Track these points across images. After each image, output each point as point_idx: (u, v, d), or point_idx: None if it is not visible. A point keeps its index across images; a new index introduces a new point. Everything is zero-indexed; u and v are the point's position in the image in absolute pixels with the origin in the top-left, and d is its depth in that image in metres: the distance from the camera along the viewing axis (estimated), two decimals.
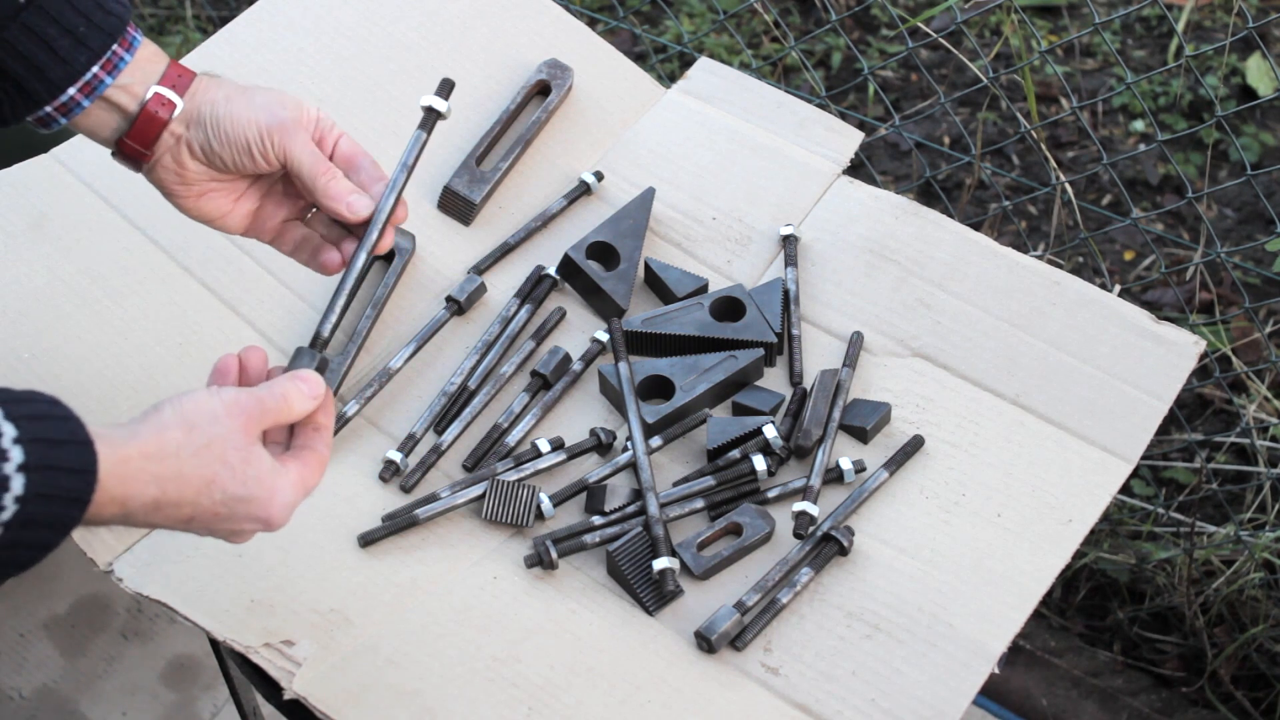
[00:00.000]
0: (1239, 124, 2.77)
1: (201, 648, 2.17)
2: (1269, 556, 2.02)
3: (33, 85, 1.14)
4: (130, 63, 1.16)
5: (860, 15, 3.03)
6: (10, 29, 1.12)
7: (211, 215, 1.23)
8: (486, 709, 1.17)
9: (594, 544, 1.30)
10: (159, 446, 0.99)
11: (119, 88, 1.17)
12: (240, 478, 1.01)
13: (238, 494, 1.02)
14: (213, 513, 1.02)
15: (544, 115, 1.61)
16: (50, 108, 1.16)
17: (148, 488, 0.97)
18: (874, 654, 1.22)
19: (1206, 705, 2.08)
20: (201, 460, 1.00)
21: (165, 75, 1.18)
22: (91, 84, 1.15)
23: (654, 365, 1.42)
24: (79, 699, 2.14)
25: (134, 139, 1.18)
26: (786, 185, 1.59)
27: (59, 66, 1.13)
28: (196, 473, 0.99)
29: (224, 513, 1.02)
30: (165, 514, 1.00)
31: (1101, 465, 1.35)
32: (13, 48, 1.12)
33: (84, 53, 1.14)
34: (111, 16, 1.15)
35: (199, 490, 1.00)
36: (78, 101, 1.16)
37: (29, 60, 1.13)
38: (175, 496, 0.99)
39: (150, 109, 1.17)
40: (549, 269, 1.51)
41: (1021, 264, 1.49)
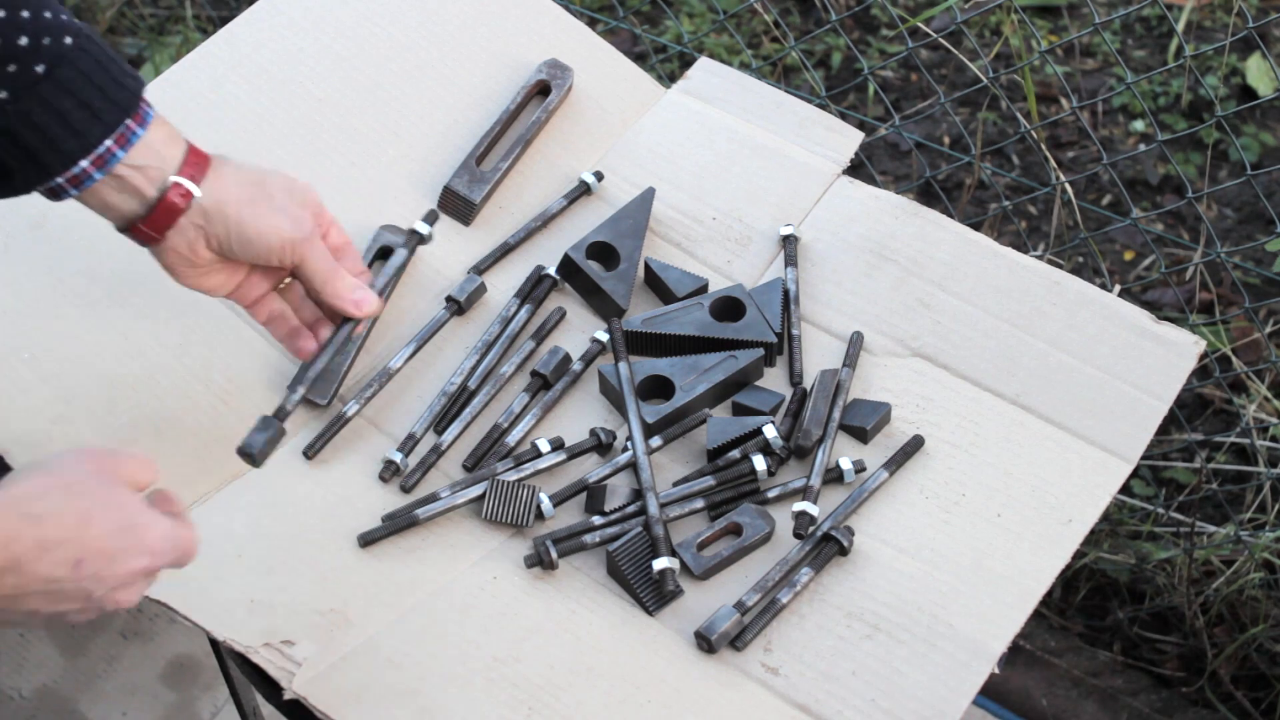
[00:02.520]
0: (1239, 124, 2.77)
1: (201, 648, 2.17)
2: (1269, 556, 2.02)
3: (46, 156, 1.14)
4: (142, 138, 1.16)
5: (860, 15, 3.03)
6: (26, 100, 1.12)
7: (210, 289, 1.26)
8: (486, 709, 1.17)
9: (594, 544, 1.30)
10: (27, 490, 0.98)
11: (134, 168, 1.17)
12: (114, 506, 1.00)
13: (117, 524, 1.00)
14: (99, 549, 0.99)
15: (544, 115, 1.61)
16: (62, 179, 1.16)
17: (28, 528, 0.96)
18: (874, 654, 1.22)
19: (1206, 705, 2.08)
20: (72, 495, 0.99)
21: (184, 165, 1.19)
22: (104, 157, 1.15)
23: (654, 365, 1.42)
24: (79, 699, 2.14)
25: (150, 225, 1.20)
26: (786, 185, 1.59)
27: (73, 139, 1.14)
28: (70, 506, 0.98)
29: (111, 546, 0.99)
30: (54, 560, 0.97)
31: (1101, 465, 1.35)
32: (28, 118, 1.12)
33: (98, 126, 1.14)
34: (125, 90, 1.16)
35: (78, 524, 0.98)
36: (89, 174, 1.16)
37: (43, 131, 1.13)
38: (56, 535, 0.97)
39: (170, 199, 1.18)
40: (549, 269, 1.51)
41: (1021, 264, 1.49)
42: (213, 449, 1.36)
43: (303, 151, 1.55)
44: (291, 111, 1.37)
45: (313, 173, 1.54)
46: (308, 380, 1.27)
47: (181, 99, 1.59)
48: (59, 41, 1.12)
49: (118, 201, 1.19)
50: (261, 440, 1.21)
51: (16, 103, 1.12)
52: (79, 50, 1.13)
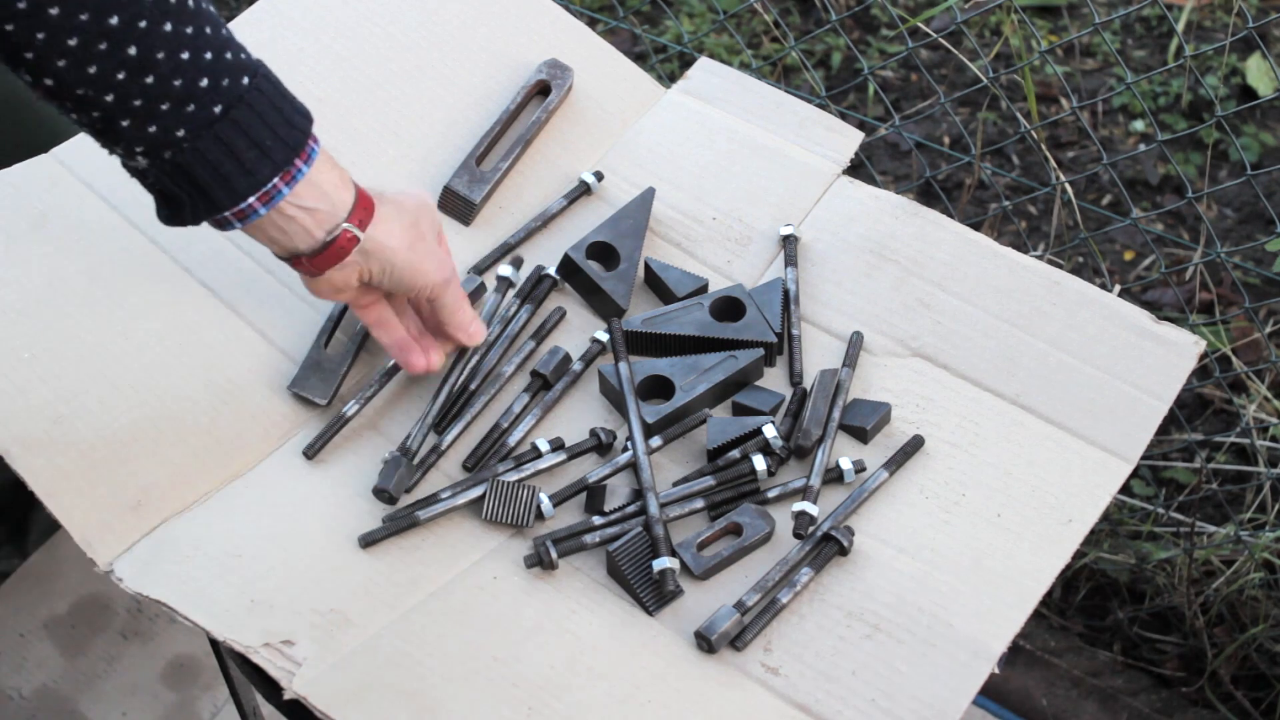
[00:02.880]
0: (1239, 124, 2.77)
1: (201, 648, 2.17)
2: (1269, 556, 2.02)
3: (217, 193, 1.18)
4: (308, 175, 1.21)
5: (860, 15, 3.03)
6: (203, 139, 1.15)
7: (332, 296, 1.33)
8: (486, 709, 1.17)
9: (594, 544, 1.30)
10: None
11: (304, 209, 1.22)
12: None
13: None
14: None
15: (544, 115, 1.61)
16: (229, 213, 1.20)
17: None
18: (874, 654, 1.22)
19: (1206, 705, 2.08)
20: None
21: (354, 212, 1.25)
22: (270, 193, 1.19)
23: (654, 365, 1.42)
24: (79, 699, 2.14)
25: (314, 264, 1.26)
26: (786, 185, 1.59)
27: (244, 177, 1.17)
28: None
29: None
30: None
31: (1101, 465, 1.35)
32: (202, 156, 1.15)
33: (268, 165, 1.18)
34: (295, 130, 1.19)
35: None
36: (255, 209, 1.19)
37: (216, 169, 1.16)
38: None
39: (339, 243, 1.25)
40: (549, 269, 1.51)
41: (1021, 264, 1.49)
42: (213, 449, 1.36)
43: None
44: None
45: None
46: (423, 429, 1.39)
47: None
48: (237, 82, 1.15)
49: (285, 238, 1.23)
50: (393, 478, 1.33)
51: (194, 141, 1.15)
52: (255, 90, 1.16)
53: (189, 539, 1.29)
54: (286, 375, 1.42)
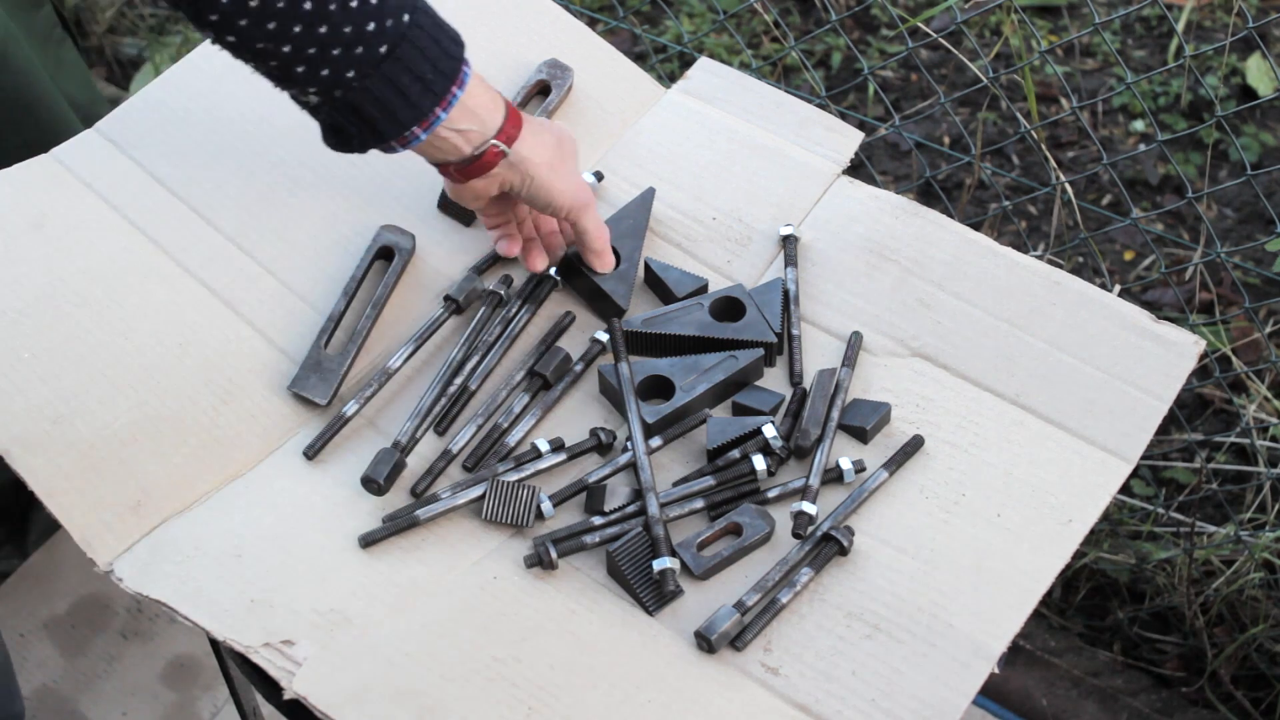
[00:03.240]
0: (1239, 124, 2.77)
1: (201, 648, 2.17)
2: (1269, 556, 2.02)
3: (384, 125, 1.26)
4: (461, 100, 1.28)
5: (860, 15, 3.03)
6: (372, 78, 1.22)
7: (471, 206, 1.43)
8: (486, 709, 1.17)
9: (594, 544, 1.30)
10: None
11: (453, 129, 1.30)
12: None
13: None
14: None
15: (544, 115, 1.61)
16: (393, 140, 1.28)
17: None
18: (874, 654, 1.22)
19: (1206, 705, 2.08)
20: None
21: (503, 129, 1.33)
22: (429, 120, 1.28)
23: (654, 365, 1.42)
24: (79, 699, 2.14)
25: (464, 173, 1.35)
26: (786, 185, 1.59)
27: (408, 109, 1.26)
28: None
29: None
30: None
31: (1101, 465, 1.35)
32: (370, 94, 1.24)
33: (429, 97, 1.26)
34: (451, 60, 1.27)
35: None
36: (416, 135, 1.28)
37: (383, 105, 1.25)
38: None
39: (486, 157, 1.34)
40: (549, 269, 1.51)
41: (1021, 264, 1.49)
42: (213, 449, 1.36)
43: (303, 151, 1.55)
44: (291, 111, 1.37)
45: (313, 172, 1.55)
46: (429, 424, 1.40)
47: (181, 99, 1.59)
48: (399, 20, 1.22)
49: (437, 154, 1.33)
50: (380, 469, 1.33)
51: (363, 80, 1.22)
52: (415, 26, 1.23)
53: (189, 539, 1.29)
54: (286, 375, 1.42)
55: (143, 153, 1.55)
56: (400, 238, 1.51)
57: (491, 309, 1.48)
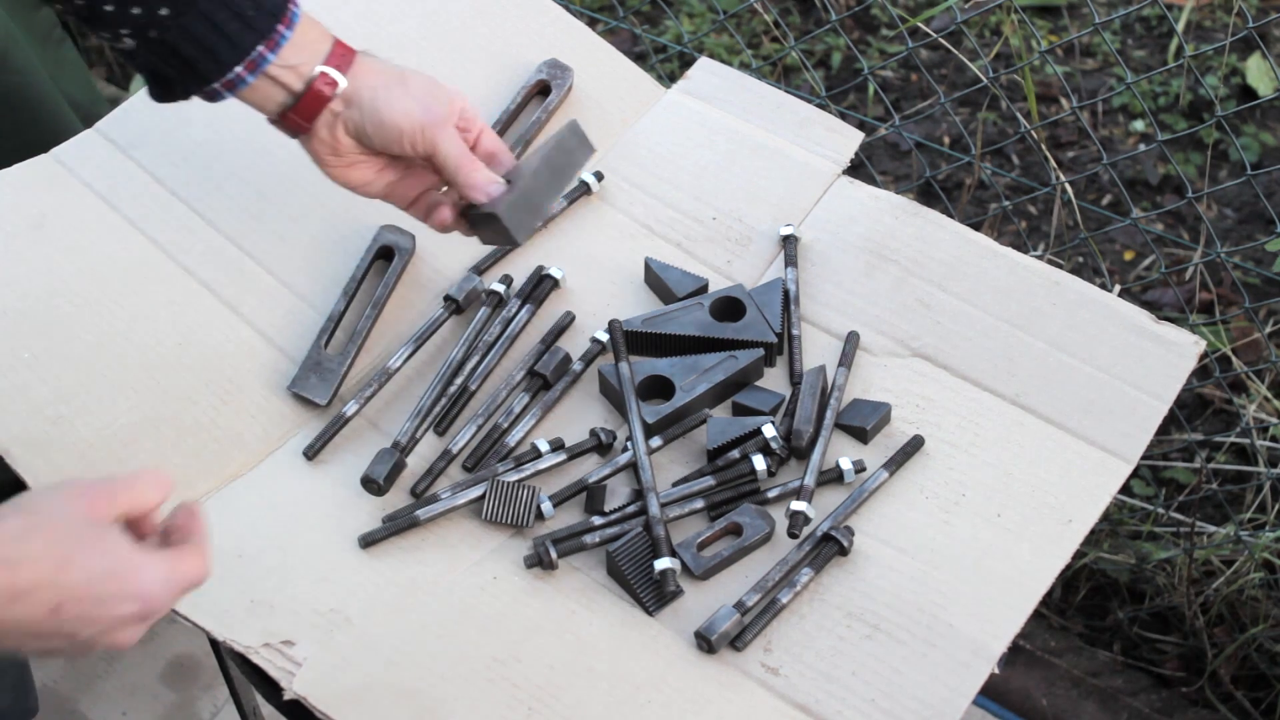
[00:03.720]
0: (1239, 124, 2.77)
1: (201, 648, 2.17)
2: (1269, 556, 2.02)
3: (204, 66, 1.22)
4: (290, 39, 1.23)
5: (860, 15, 3.03)
6: (187, 15, 1.19)
7: (355, 183, 1.33)
8: (486, 709, 1.18)
9: (594, 544, 1.30)
10: (3, 533, 0.92)
11: (283, 66, 1.24)
12: (99, 550, 0.94)
13: (101, 568, 0.93)
14: (80, 594, 0.92)
15: (544, 115, 1.61)
16: (217, 84, 1.23)
17: (1, 573, 0.90)
18: (874, 654, 1.22)
19: (1206, 705, 2.08)
20: (51, 538, 0.92)
21: (330, 55, 1.26)
22: (255, 61, 1.22)
23: (654, 365, 1.42)
24: (79, 699, 2.14)
25: (298, 114, 1.27)
26: (786, 185, 1.59)
27: (229, 49, 1.21)
28: (48, 552, 0.92)
29: (93, 592, 0.93)
30: (29, 605, 0.91)
31: (1101, 465, 1.35)
32: (187, 32, 1.19)
33: (251, 34, 1.21)
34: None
35: (56, 568, 0.91)
36: (242, 78, 1.23)
37: (201, 43, 1.20)
38: (30, 579, 0.90)
39: (316, 88, 1.26)
40: (549, 269, 1.51)
41: (1021, 264, 1.49)
42: (213, 449, 1.36)
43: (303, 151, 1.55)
44: None
45: (314, 172, 1.54)
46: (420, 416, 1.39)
47: None
48: None
49: (269, 96, 1.26)
50: (380, 469, 1.33)
51: (178, 18, 1.19)
52: None
53: None
54: (286, 375, 1.42)
55: (143, 153, 1.55)
56: (400, 238, 1.51)
57: (491, 309, 1.48)
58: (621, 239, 1.56)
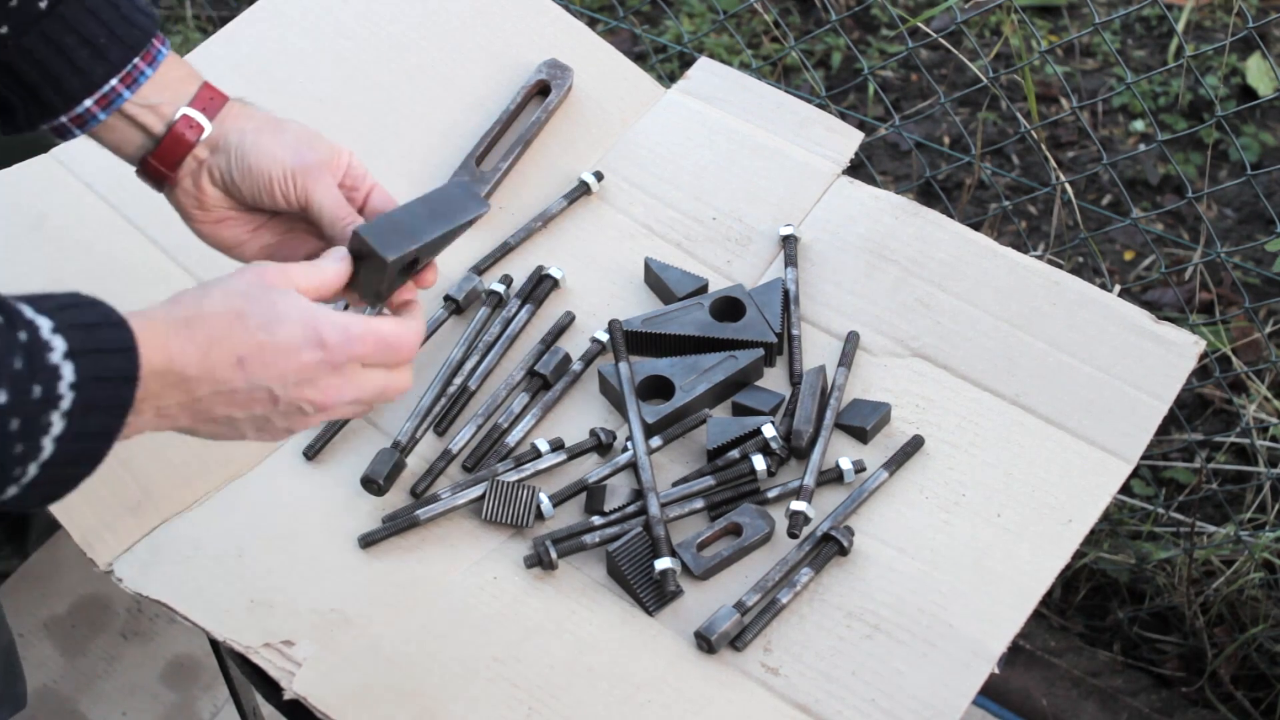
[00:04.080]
0: (1239, 124, 2.77)
1: (201, 648, 2.17)
2: (1269, 556, 2.02)
3: (48, 95, 1.12)
4: (152, 78, 1.14)
5: (860, 15, 3.03)
6: (29, 36, 1.10)
7: (228, 243, 1.20)
8: (486, 709, 1.18)
9: (594, 544, 1.30)
10: (182, 301, 0.98)
11: (144, 106, 1.14)
12: (269, 302, 0.98)
13: (274, 315, 0.97)
14: (259, 343, 0.96)
15: (544, 115, 1.61)
16: (65, 118, 1.14)
17: (180, 335, 0.95)
18: (874, 654, 1.22)
19: (1206, 705, 2.08)
20: (225, 296, 0.98)
21: (197, 97, 1.16)
22: (109, 97, 1.13)
23: (654, 365, 1.42)
24: (79, 699, 2.14)
25: (158, 159, 1.16)
26: (786, 185, 1.59)
27: (75, 77, 1.11)
28: (224, 306, 0.97)
29: (271, 340, 0.97)
30: (216, 361, 0.96)
31: (1101, 465, 1.35)
32: (30, 55, 1.11)
33: (102, 65, 1.12)
34: (135, 29, 1.13)
35: (229, 322, 0.96)
36: (94, 114, 1.13)
37: (45, 69, 1.11)
38: (209, 334, 0.96)
39: (177, 130, 1.15)
40: (549, 269, 1.51)
41: (1021, 264, 1.49)
42: (213, 449, 1.36)
43: None
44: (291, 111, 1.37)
45: None
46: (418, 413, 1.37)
47: None
48: None
49: (127, 139, 1.16)
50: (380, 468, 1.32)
51: (19, 38, 1.10)
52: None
53: (189, 539, 1.29)
54: None
55: None
56: None
57: (491, 309, 1.48)
58: (621, 239, 1.56)
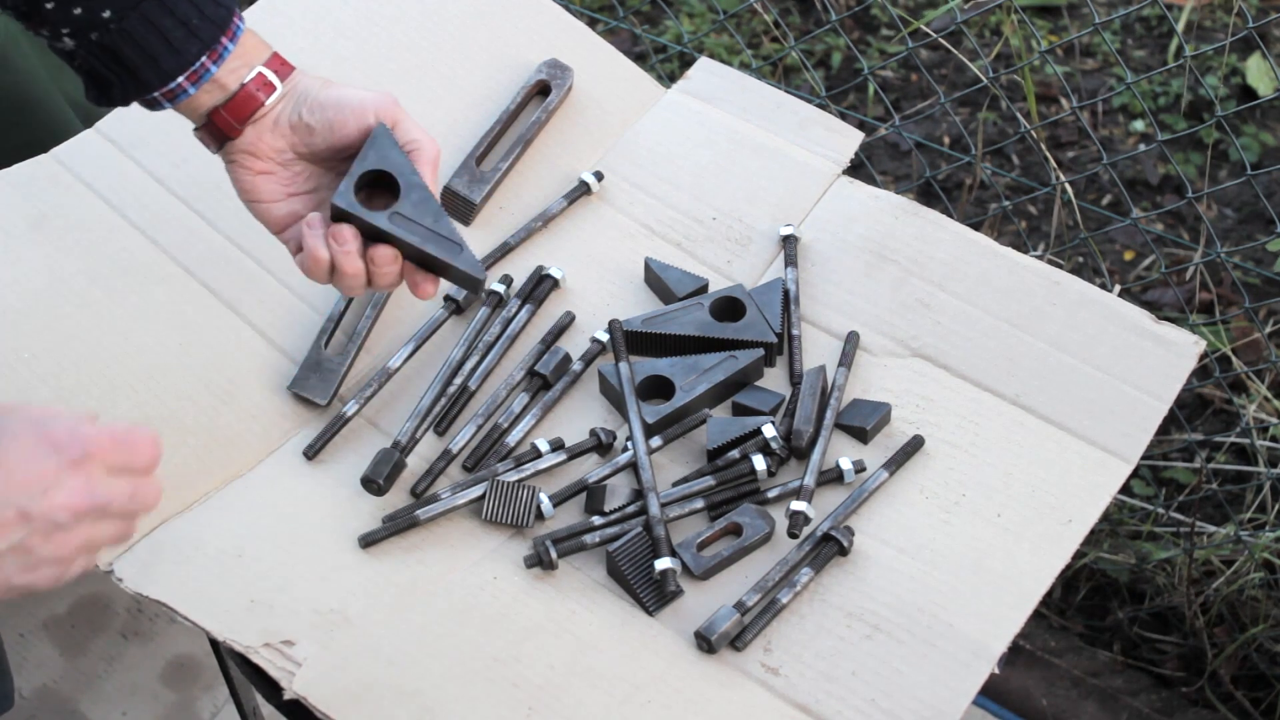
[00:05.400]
0: (1239, 124, 2.77)
1: (201, 648, 2.17)
2: (1269, 556, 2.02)
3: (146, 74, 1.17)
4: (233, 52, 1.19)
5: (860, 15, 3.03)
6: (130, 19, 1.15)
7: (262, 197, 1.23)
8: (486, 709, 1.17)
9: (594, 544, 1.30)
10: None
11: (226, 75, 1.20)
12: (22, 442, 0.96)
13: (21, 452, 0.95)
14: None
15: (544, 115, 1.61)
16: (159, 93, 1.19)
17: None
18: (874, 654, 1.22)
19: (1206, 705, 2.08)
20: None
21: (270, 60, 1.21)
22: (198, 73, 1.18)
23: (654, 365, 1.42)
24: (79, 699, 2.14)
25: (229, 112, 1.20)
26: (786, 185, 1.59)
27: (172, 57, 1.17)
28: None
29: (2, 460, 0.94)
30: None
31: (1101, 465, 1.35)
32: (130, 37, 1.16)
33: (195, 44, 1.17)
34: (221, 8, 1.19)
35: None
36: (184, 89, 1.19)
37: (144, 49, 1.16)
38: None
39: (250, 88, 1.20)
40: (549, 269, 1.51)
41: (1021, 264, 1.49)
42: (213, 449, 1.36)
43: None
44: None
45: None
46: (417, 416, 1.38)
47: None
48: None
49: (202, 103, 1.21)
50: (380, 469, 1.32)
51: (120, 21, 1.15)
52: None
53: (189, 539, 1.29)
54: (286, 375, 1.42)
55: (143, 153, 1.55)
56: None
57: (491, 309, 1.48)
58: (621, 239, 1.56)
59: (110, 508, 0.99)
